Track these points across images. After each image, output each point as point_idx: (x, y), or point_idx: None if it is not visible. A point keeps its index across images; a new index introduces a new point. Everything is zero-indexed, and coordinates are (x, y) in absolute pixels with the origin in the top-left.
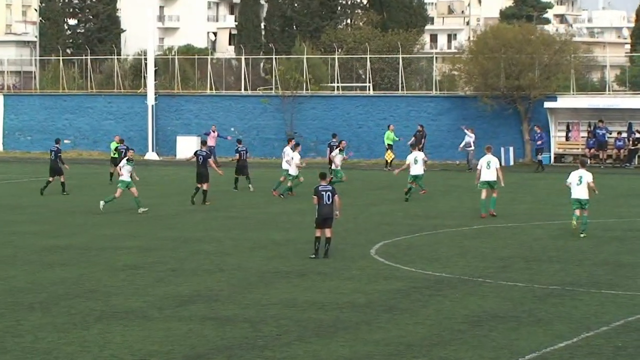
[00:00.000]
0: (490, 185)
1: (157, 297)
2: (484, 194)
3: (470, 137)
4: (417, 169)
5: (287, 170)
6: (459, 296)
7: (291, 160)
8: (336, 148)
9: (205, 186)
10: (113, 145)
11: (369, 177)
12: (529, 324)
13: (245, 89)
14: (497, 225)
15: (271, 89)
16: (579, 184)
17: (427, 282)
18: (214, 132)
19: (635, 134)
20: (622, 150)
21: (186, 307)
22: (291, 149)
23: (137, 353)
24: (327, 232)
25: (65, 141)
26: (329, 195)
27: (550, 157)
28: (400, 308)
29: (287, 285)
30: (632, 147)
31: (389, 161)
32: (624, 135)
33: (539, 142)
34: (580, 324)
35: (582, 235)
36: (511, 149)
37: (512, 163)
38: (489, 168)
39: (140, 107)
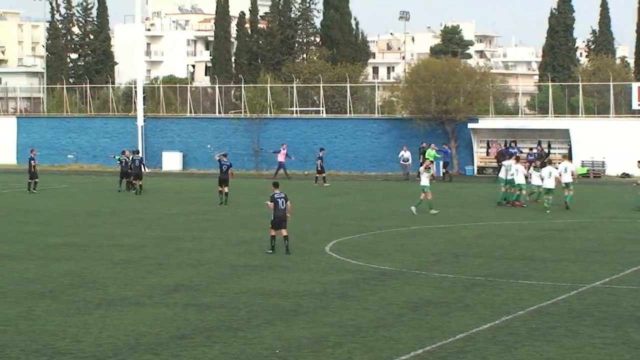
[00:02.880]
0: (567, 185)
1: (147, 286)
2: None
3: (405, 154)
4: (549, 183)
5: (519, 183)
6: (399, 285)
7: (517, 173)
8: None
9: (226, 189)
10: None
11: (321, 187)
12: (458, 309)
13: (219, 112)
14: (430, 226)
15: (240, 112)
16: (549, 176)
17: (373, 274)
18: (283, 150)
19: (543, 150)
20: (532, 163)
21: (171, 295)
22: (514, 163)
23: (130, 334)
24: (284, 232)
25: (69, 156)
26: (282, 201)
27: (473, 169)
28: (351, 295)
29: (256, 276)
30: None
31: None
32: (535, 150)
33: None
34: (501, 309)
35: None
36: (441, 162)
37: (441, 174)
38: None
39: (131, 128)
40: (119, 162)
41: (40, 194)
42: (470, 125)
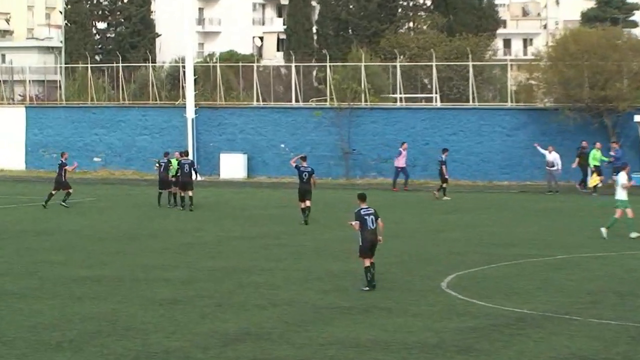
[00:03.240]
0: None
1: (200, 335)
2: None
3: (550, 156)
4: None
5: None
6: (543, 335)
7: None
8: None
9: (308, 203)
10: (175, 162)
11: (439, 200)
12: None
13: (296, 101)
14: (585, 255)
15: (325, 100)
16: None
17: (507, 320)
18: (404, 150)
19: None
20: None
21: (233, 346)
22: None
23: None
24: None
25: (95, 159)
26: (372, 218)
27: None
28: (477, 349)
29: (347, 322)
30: None
31: (593, 186)
32: None
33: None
34: None
35: None
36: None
37: (601, 184)
38: None
39: (178, 121)
40: (156, 166)
41: (58, 211)
42: (638, 118)
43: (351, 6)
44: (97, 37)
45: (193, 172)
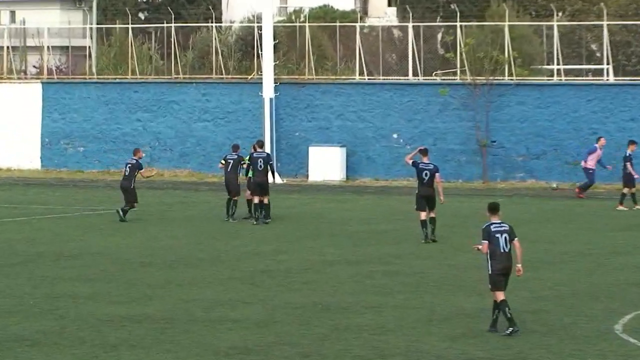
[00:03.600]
0: None
1: None
2: None
3: None
4: None
5: None
6: None
7: None
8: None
9: (432, 214)
10: (247, 158)
11: (612, 211)
12: None
13: (415, 74)
14: None
15: (455, 73)
16: None
17: None
18: (600, 149)
19: None
20: None
21: None
22: None
23: None
24: (500, 295)
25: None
26: (505, 238)
27: None
28: None
29: None
30: None
31: None
32: None
33: None
34: None
35: None
36: None
37: None
38: None
39: (251, 102)
40: (222, 164)
41: (84, 225)
42: None
43: None
44: None
45: (270, 170)
